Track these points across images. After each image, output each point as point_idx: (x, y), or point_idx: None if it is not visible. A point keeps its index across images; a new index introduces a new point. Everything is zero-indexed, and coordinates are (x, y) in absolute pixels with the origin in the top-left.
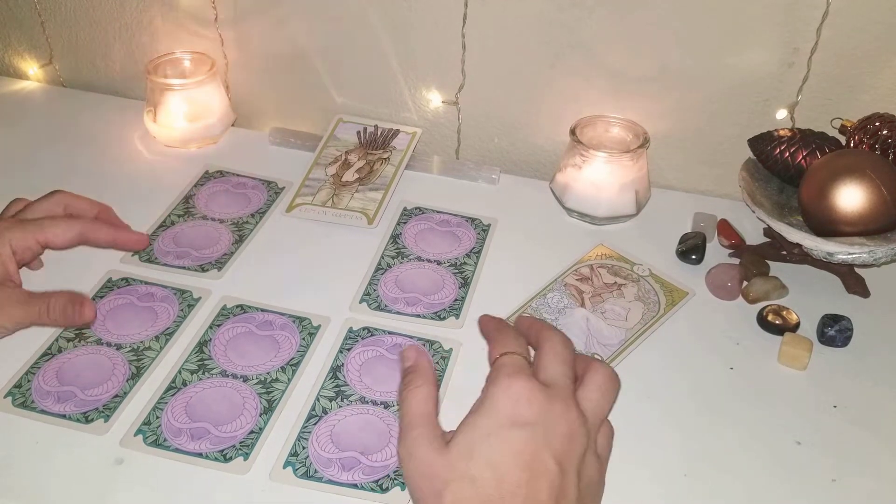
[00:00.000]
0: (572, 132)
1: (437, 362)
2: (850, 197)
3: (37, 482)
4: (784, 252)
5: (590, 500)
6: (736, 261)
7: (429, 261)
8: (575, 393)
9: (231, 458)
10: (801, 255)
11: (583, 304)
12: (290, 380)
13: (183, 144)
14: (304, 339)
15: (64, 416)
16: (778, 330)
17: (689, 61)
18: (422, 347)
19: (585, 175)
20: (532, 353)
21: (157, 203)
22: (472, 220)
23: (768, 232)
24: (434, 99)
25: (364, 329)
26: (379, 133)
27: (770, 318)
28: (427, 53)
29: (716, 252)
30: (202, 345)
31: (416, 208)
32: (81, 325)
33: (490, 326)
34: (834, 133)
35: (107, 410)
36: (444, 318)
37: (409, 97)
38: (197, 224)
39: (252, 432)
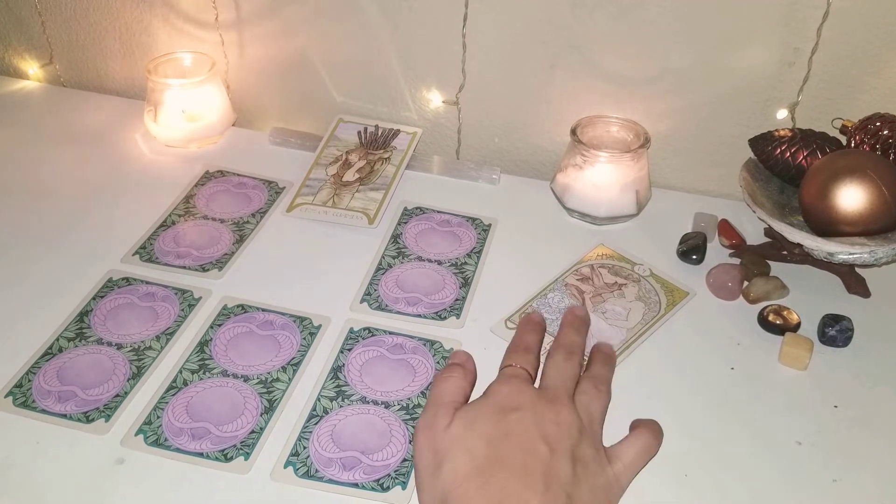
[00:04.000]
0: (573, 132)
1: (438, 362)
2: (851, 197)
3: (37, 482)
4: (785, 252)
5: (587, 484)
6: (736, 261)
7: (429, 261)
8: (571, 397)
9: (232, 458)
10: (801, 256)
11: (583, 304)
12: (290, 380)
13: (183, 144)
14: (304, 339)
15: (65, 416)
16: (779, 330)
17: (690, 61)
18: (472, 356)
19: (586, 175)
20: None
21: (158, 203)
22: (473, 220)
23: (769, 232)
24: (434, 99)
25: (365, 329)
26: (379, 133)
27: (771, 318)
28: (427, 53)
29: (716, 252)
30: (203, 344)
31: (416, 208)
32: None
33: (515, 337)
34: (834, 133)
35: (107, 410)
36: (445, 318)
37: (409, 97)
38: (198, 224)
39: (253, 432)
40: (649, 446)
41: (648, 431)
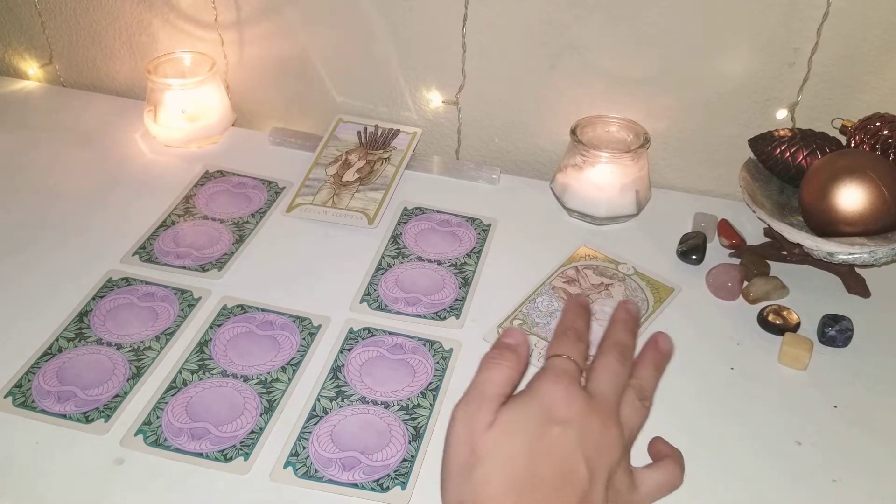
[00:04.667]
0: (573, 132)
1: (438, 362)
2: (851, 197)
3: (37, 482)
4: (784, 252)
5: None
6: (736, 261)
7: (429, 261)
8: (618, 410)
9: (231, 458)
10: (801, 256)
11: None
12: (290, 380)
13: (183, 144)
14: (304, 339)
15: (64, 416)
16: (778, 330)
17: (690, 61)
18: (528, 336)
19: (586, 175)
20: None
21: (158, 203)
22: (473, 220)
23: (769, 232)
24: (434, 99)
25: (364, 329)
26: (379, 133)
27: (770, 318)
28: (427, 53)
29: (716, 252)
30: (202, 345)
31: (416, 208)
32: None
33: (563, 320)
34: (834, 133)
35: (107, 410)
36: (445, 318)
37: (409, 97)
38: (197, 224)
39: (252, 432)
40: (672, 480)
41: (676, 465)
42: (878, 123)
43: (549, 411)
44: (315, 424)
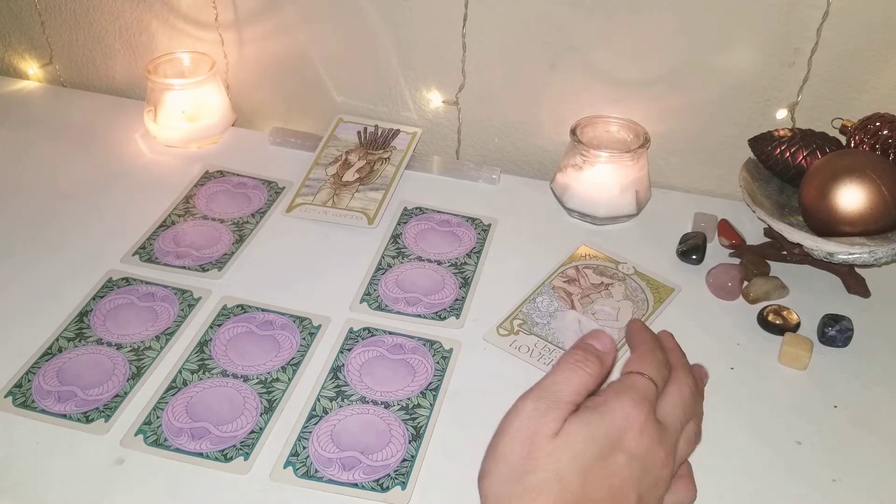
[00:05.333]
0: (573, 132)
1: (438, 362)
2: (851, 197)
3: (37, 482)
4: (784, 252)
5: None
6: (736, 261)
7: (429, 261)
8: (679, 443)
9: (232, 458)
10: (801, 256)
11: (573, 306)
12: (290, 380)
13: (183, 144)
14: (304, 339)
15: (64, 416)
16: (778, 330)
17: (690, 61)
18: (616, 345)
19: (586, 175)
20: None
21: (158, 203)
22: (473, 220)
23: (769, 232)
24: (434, 99)
25: (364, 329)
26: (379, 133)
27: (770, 318)
28: (427, 53)
29: (716, 252)
30: (202, 344)
31: (416, 208)
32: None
33: (639, 337)
34: (834, 133)
35: (107, 410)
36: (445, 318)
37: (409, 97)
38: (197, 224)
39: (252, 432)
40: (687, 501)
41: (691, 482)
42: (878, 123)
43: (620, 437)
44: (315, 424)
